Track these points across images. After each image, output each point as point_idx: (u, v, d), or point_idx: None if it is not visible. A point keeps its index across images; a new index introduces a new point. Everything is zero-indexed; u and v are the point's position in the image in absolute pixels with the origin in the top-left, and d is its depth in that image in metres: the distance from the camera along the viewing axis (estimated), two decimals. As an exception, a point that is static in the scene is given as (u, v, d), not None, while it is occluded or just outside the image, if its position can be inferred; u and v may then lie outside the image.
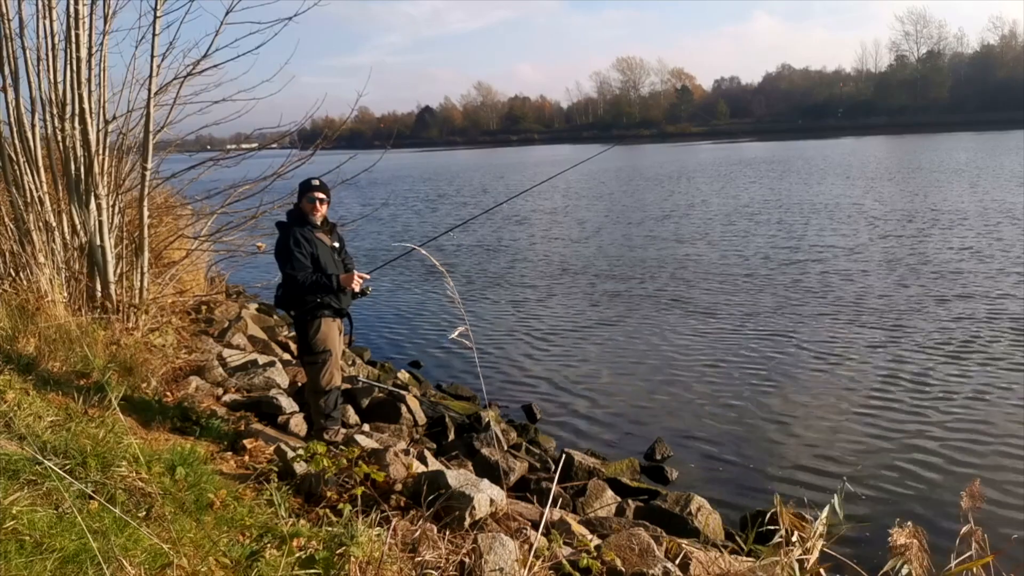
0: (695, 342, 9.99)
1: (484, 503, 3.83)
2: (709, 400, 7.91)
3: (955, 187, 26.12)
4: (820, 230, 18.49)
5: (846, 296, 11.83)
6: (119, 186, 7.31)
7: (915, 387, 7.86)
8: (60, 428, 4.01)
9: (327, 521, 3.49)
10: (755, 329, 10.37)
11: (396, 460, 4.39)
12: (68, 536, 2.76)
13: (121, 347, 6.12)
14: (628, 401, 8.06)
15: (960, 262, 13.77)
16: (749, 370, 8.74)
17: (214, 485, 3.72)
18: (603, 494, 5.38)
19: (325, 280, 4.91)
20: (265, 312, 10.71)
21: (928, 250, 15.06)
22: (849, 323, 10.33)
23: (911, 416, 7.14)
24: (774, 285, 12.94)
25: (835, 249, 15.87)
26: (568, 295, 13.27)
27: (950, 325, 9.92)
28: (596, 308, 12.22)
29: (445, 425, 6.79)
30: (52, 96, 6.78)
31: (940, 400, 7.48)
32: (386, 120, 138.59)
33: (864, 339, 9.57)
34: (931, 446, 6.49)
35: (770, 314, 11.12)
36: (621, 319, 11.41)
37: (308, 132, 9.81)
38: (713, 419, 7.40)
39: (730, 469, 6.36)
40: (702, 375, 8.68)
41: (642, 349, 9.86)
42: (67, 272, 6.81)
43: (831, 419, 7.18)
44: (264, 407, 5.87)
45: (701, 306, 11.87)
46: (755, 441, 6.84)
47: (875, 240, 16.65)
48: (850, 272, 13.51)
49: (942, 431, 6.77)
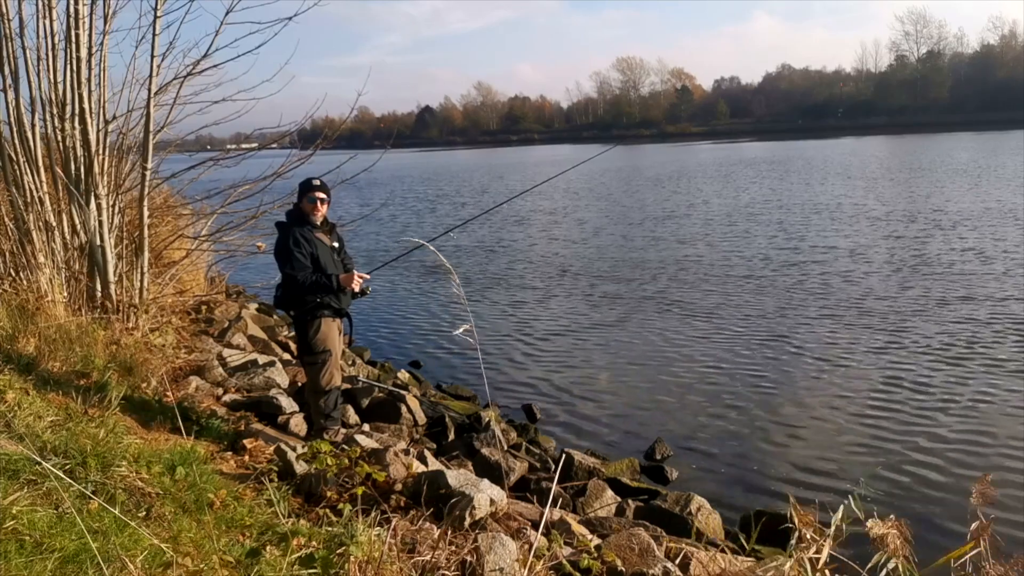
0: (696, 342, 9.99)
1: (484, 503, 3.83)
2: (709, 400, 7.91)
3: (957, 187, 26.12)
4: (821, 231, 18.50)
5: (848, 297, 11.82)
6: (119, 186, 7.31)
7: (917, 389, 7.84)
8: (60, 428, 4.01)
9: (327, 521, 3.49)
10: (756, 330, 10.37)
11: (396, 460, 4.39)
12: (68, 536, 2.76)
13: (121, 347, 6.12)
14: (628, 401, 8.07)
15: (963, 263, 13.74)
16: (750, 371, 8.74)
17: (214, 485, 3.72)
18: (603, 494, 5.38)
19: (325, 280, 4.92)
20: (265, 312, 10.71)
21: (930, 251, 15.04)
22: (851, 324, 10.33)
23: (913, 418, 7.13)
24: (775, 286, 12.94)
25: (836, 250, 15.87)
26: (568, 295, 13.27)
27: (953, 327, 9.89)
28: (596, 308, 12.22)
29: (445, 425, 6.79)
30: (52, 96, 6.78)
31: (942, 402, 7.46)
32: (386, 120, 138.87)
33: (866, 341, 9.55)
34: (934, 448, 6.48)
35: (771, 315, 11.12)
36: (621, 319, 11.41)
37: (308, 132, 9.83)
38: (713, 419, 7.40)
39: (730, 469, 6.36)
40: (702, 375, 8.68)
41: (642, 349, 9.87)
42: (67, 272, 6.81)
43: (832, 420, 7.18)
44: (264, 407, 5.88)
45: (702, 306, 11.87)
46: (755, 442, 6.83)
47: (877, 241, 16.64)
48: (852, 273, 13.51)
49: (945, 433, 6.76)
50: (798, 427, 7.08)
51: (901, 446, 6.55)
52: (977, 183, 27.00)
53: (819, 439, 6.79)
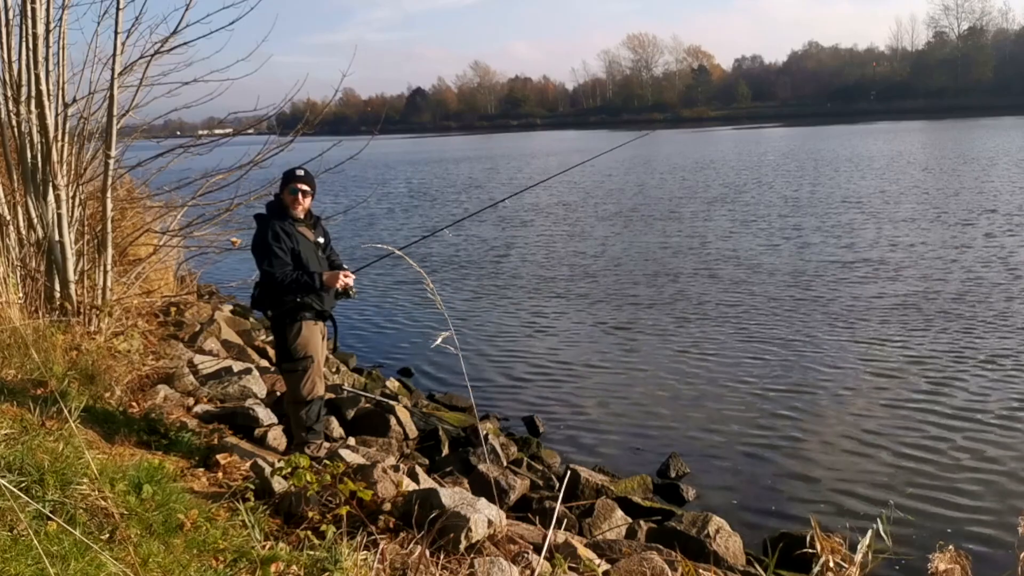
0: (714, 349, 10.00)
1: (481, 524, 3.83)
2: (729, 413, 7.91)
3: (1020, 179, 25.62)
4: (862, 229, 18.17)
5: (888, 303, 11.66)
6: (80, 176, 7.31)
7: (958, 405, 7.76)
8: (14, 442, 4.00)
9: (308, 544, 3.49)
10: (782, 337, 10.36)
11: (384, 477, 4.39)
12: (24, 561, 2.76)
13: (82, 353, 6.12)
14: (640, 413, 8.07)
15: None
16: (773, 381, 8.74)
17: (184, 505, 3.72)
18: (612, 514, 5.39)
19: (307, 278, 4.92)
20: (240, 314, 10.71)
21: (993, 252, 14.66)
22: (889, 334, 10.17)
23: (952, 436, 7.08)
24: (806, 288, 12.94)
25: (878, 248, 15.85)
26: (575, 298, 13.28)
27: (1006, 341, 9.60)
28: (606, 312, 12.23)
29: (438, 439, 6.80)
30: (6, 76, 6.78)
31: (983, 420, 7.41)
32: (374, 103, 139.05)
33: (906, 352, 9.43)
34: (970, 468, 6.46)
35: (800, 321, 11.11)
36: (633, 323, 11.42)
37: (288, 116, 9.82)
38: (733, 434, 7.40)
39: (752, 489, 6.36)
40: (721, 386, 8.68)
41: (656, 357, 9.87)
42: (22, 270, 6.81)
43: (863, 437, 7.17)
44: (239, 419, 5.88)
45: (722, 311, 11.88)
46: (779, 459, 6.84)
47: (925, 240, 16.43)
48: (894, 276, 13.37)
49: (984, 451, 6.75)
50: (827, 444, 7.08)
51: (934, 466, 6.53)
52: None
53: (850, 457, 6.78)
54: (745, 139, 62.08)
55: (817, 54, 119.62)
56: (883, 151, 41.29)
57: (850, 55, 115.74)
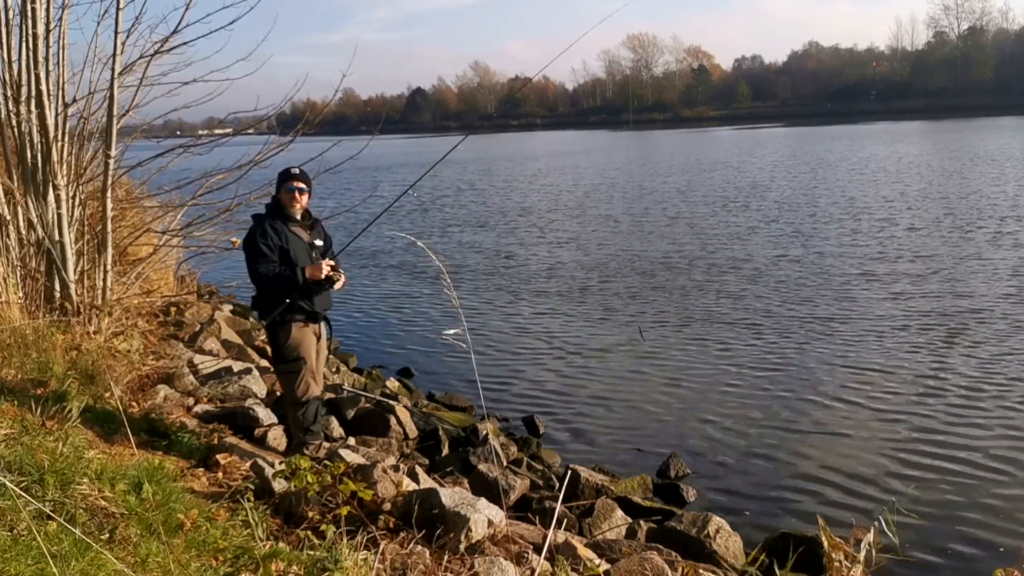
0: (715, 349, 10.00)
1: (481, 524, 3.83)
2: (729, 413, 7.91)
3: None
4: (861, 229, 18.20)
5: (889, 304, 11.65)
6: (80, 176, 7.31)
7: (960, 405, 7.75)
8: (15, 442, 4.01)
9: (308, 544, 3.49)
10: (782, 336, 10.37)
11: (384, 477, 4.40)
12: (24, 560, 2.76)
13: (82, 353, 6.12)
14: (640, 413, 8.07)
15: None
16: (774, 381, 8.74)
17: (184, 504, 3.72)
18: (612, 514, 5.39)
19: (288, 272, 4.88)
20: (240, 314, 10.70)
21: (994, 253, 14.66)
22: (889, 334, 10.16)
23: (953, 436, 7.08)
24: (809, 289, 12.93)
25: (880, 248, 15.85)
26: (575, 297, 13.28)
27: (1011, 336, 9.62)
28: (607, 311, 12.23)
29: (438, 438, 6.80)
30: (6, 76, 6.78)
31: (987, 419, 7.40)
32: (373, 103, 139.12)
33: (907, 352, 9.41)
34: (975, 466, 6.47)
35: (800, 320, 11.12)
36: (633, 323, 11.41)
37: (288, 116, 9.84)
38: (734, 434, 7.40)
39: (752, 489, 6.36)
40: (722, 385, 8.69)
41: (656, 356, 9.87)
42: (22, 270, 6.81)
43: (864, 437, 7.17)
44: (239, 419, 5.88)
45: (723, 310, 11.88)
46: (780, 459, 6.84)
47: (926, 241, 16.45)
48: (896, 277, 13.34)
49: (990, 449, 6.74)
50: (827, 443, 7.08)
51: (936, 466, 6.52)
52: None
53: (851, 457, 6.77)
54: (745, 139, 62.06)
55: (817, 54, 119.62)
56: (883, 151, 41.28)
57: (850, 55, 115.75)
